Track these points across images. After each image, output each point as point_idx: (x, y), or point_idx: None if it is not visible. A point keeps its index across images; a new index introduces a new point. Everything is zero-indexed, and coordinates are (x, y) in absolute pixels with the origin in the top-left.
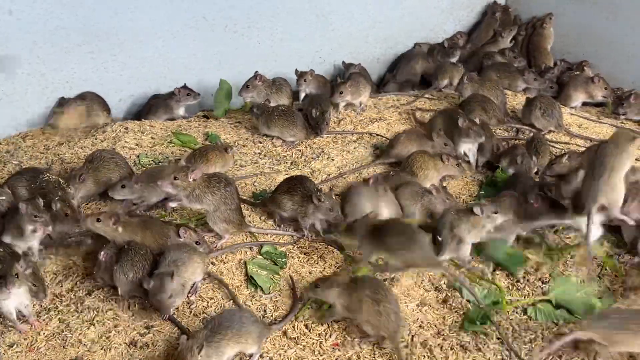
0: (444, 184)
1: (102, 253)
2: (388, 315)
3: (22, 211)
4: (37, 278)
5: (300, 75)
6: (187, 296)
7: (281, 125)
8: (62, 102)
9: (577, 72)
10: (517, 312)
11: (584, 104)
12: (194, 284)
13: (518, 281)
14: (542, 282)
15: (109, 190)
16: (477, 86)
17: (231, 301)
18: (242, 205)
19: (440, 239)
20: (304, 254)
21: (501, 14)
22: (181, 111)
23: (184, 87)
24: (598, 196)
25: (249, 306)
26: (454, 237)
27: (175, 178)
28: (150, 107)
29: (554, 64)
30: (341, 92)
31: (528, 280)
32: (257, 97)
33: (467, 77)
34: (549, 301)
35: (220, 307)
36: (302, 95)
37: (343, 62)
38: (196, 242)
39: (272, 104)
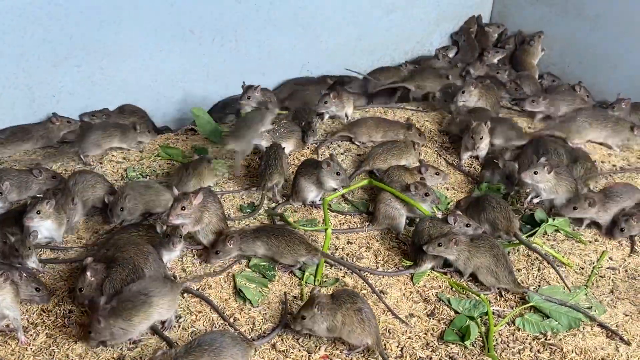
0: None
1: (89, 272)
2: (369, 320)
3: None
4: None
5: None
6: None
7: (295, 138)
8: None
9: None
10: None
11: None
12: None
13: (506, 290)
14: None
15: (113, 217)
16: (483, 92)
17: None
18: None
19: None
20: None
21: (478, 34)
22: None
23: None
24: None
25: (238, 319)
26: (436, 246)
27: (182, 208)
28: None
29: (539, 77)
30: (325, 102)
31: (514, 292)
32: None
33: (472, 83)
34: (536, 312)
35: (209, 320)
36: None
37: (330, 80)
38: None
39: None
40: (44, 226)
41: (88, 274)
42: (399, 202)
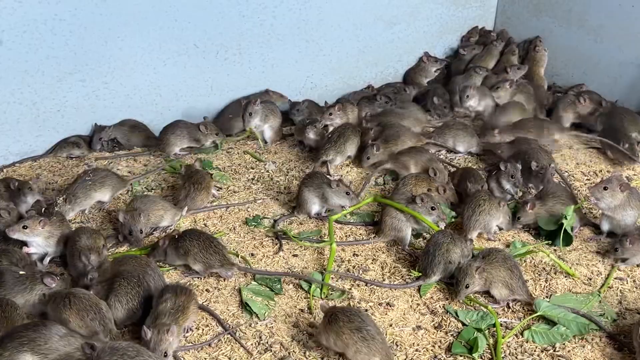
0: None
1: (93, 289)
2: (374, 338)
3: None
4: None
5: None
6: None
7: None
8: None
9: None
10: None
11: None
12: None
13: (514, 301)
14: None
15: (134, 237)
16: (515, 93)
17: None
18: None
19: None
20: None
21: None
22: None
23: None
24: None
25: (244, 333)
26: (446, 259)
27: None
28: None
29: (548, 88)
30: (330, 114)
31: (522, 303)
32: (259, 122)
33: (509, 83)
34: (545, 321)
35: (215, 335)
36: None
37: (289, 101)
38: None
39: (266, 126)
40: (35, 242)
41: (93, 291)
42: (405, 214)
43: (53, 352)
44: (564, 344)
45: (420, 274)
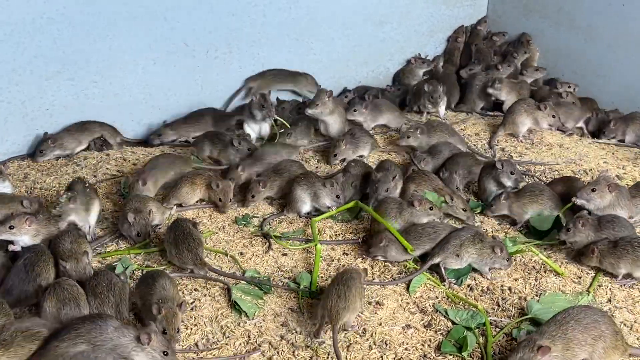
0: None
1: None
2: (328, 297)
3: None
4: None
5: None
6: None
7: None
8: None
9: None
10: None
11: None
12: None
13: (504, 300)
14: (525, 300)
15: (141, 234)
16: (513, 88)
17: (214, 327)
18: None
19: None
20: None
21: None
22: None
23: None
24: None
25: (233, 332)
26: (455, 252)
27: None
28: None
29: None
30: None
31: (512, 302)
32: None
33: (500, 79)
34: (534, 323)
35: (204, 334)
36: None
37: (277, 99)
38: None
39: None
40: (22, 240)
41: None
42: (393, 217)
43: (107, 343)
44: None
45: (414, 267)
